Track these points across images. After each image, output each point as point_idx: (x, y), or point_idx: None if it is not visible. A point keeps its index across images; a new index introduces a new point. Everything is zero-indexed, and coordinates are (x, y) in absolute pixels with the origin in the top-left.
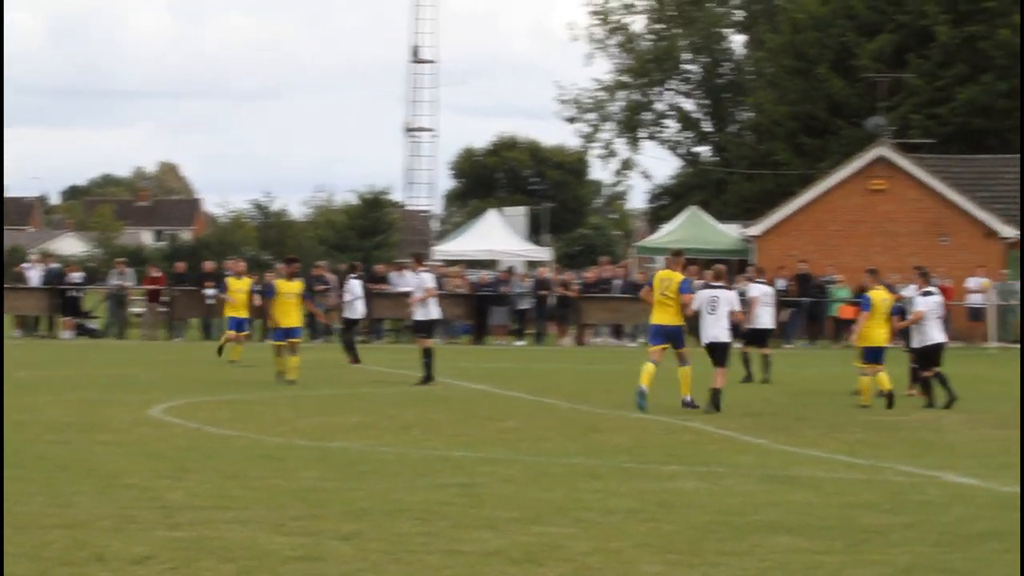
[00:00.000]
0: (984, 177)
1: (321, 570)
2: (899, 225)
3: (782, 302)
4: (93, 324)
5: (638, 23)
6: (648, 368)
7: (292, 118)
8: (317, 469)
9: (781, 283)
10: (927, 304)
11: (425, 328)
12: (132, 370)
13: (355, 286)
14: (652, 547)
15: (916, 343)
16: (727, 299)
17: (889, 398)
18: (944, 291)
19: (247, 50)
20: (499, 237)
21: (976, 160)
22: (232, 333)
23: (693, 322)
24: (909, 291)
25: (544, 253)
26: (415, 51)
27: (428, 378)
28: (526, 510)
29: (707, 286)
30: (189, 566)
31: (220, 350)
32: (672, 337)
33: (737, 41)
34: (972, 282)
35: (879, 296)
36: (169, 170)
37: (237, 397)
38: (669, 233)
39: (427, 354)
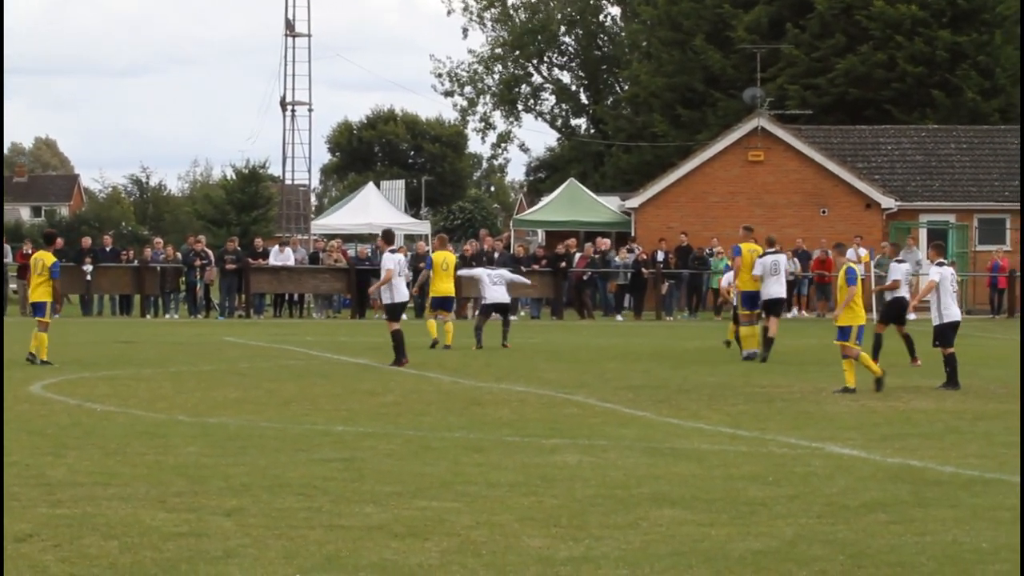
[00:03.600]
0: (863, 148)
1: (204, 546)
2: (778, 196)
3: (662, 274)
4: None
5: None
6: (751, 331)
7: (166, 94)
8: (198, 445)
9: (660, 255)
10: (941, 274)
11: (390, 312)
12: (10, 347)
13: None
14: (536, 520)
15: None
16: (784, 262)
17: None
18: (824, 263)
19: (117, 25)
20: (377, 211)
21: (854, 131)
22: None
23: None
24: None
25: (423, 226)
26: (289, 24)
27: (399, 359)
28: (408, 484)
29: (767, 253)
30: (72, 543)
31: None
32: (755, 300)
33: (613, 13)
34: (850, 253)
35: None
36: (47, 146)
37: (116, 373)
38: (547, 206)
39: (394, 337)
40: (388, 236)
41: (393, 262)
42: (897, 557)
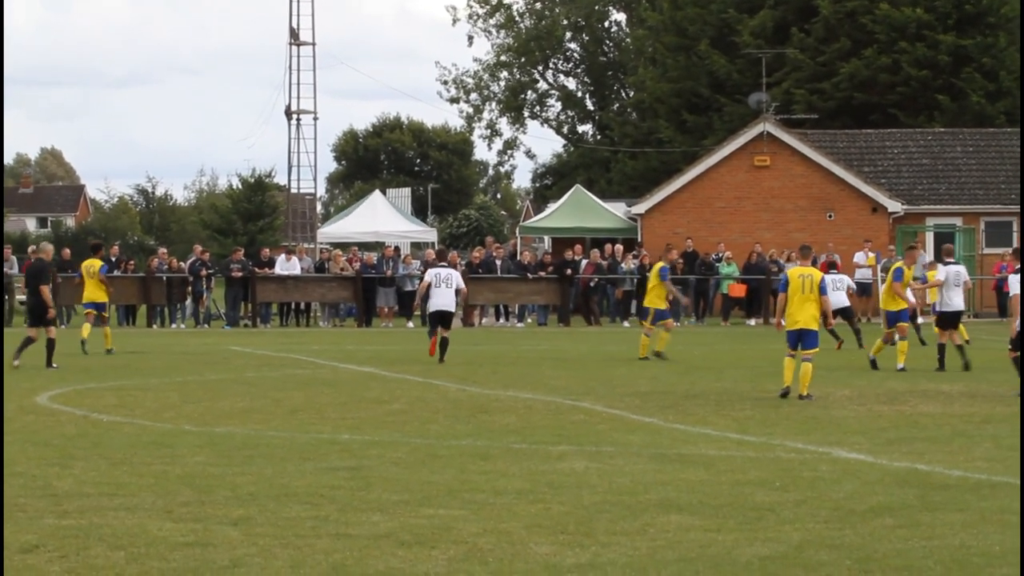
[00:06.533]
0: (869, 152)
1: (210, 556)
2: (785, 201)
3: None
4: None
5: (518, 2)
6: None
7: (168, 103)
8: (205, 454)
9: None
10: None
11: (430, 320)
12: (24, 357)
13: (427, 274)
14: (543, 528)
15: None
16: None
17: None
18: (833, 266)
19: (115, 34)
20: (384, 219)
21: (860, 135)
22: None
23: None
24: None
25: (429, 234)
26: (294, 33)
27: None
28: (415, 492)
29: (948, 263)
30: (78, 554)
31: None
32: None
33: (618, 19)
34: (858, 257)
35: (795, 273)
36: (52, 156)
37: (123, 383)
38: (554, 213)
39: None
40: (438, 253)
41: (428, 276)
42: (904, 562)
